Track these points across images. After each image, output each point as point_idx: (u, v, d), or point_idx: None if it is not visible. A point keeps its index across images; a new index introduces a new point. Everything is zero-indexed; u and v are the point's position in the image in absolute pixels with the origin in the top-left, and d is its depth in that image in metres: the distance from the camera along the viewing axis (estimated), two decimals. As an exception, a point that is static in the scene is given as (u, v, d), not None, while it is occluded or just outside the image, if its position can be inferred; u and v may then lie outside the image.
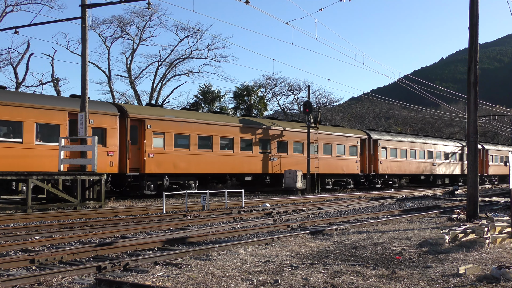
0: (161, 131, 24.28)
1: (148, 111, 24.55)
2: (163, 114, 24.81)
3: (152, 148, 23.80)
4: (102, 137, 21.99)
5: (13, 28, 21.18)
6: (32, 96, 21.97)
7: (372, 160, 37.33)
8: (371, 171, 37.32)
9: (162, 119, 24.39)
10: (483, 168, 48.89)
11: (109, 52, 47.29)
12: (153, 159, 23.72)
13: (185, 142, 25.40)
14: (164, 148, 24.37)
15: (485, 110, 57.00)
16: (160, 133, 24.27)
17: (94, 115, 21.41)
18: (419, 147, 42.10)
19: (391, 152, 38.78)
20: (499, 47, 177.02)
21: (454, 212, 16.20)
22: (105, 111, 22.34)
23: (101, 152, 21.37)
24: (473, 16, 14.58)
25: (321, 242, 10.21)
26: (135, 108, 25.43)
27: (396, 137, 40.65)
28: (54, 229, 12.27)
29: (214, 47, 46.64)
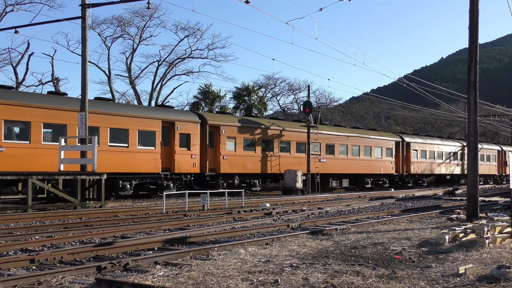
0: (232, 136, 27.74)
1: (222, 118, 28.24)
2: (234, 121, 28.44)
3: (226, 151, 27.26)
4: (187, 142, 25.54)
5: (13, 27, 21.20)
6: (137, 108, 26.57)
7: (405, 161, 40.72)
8: (404, 171, 40.61)
9: (233, 125, 27.96)
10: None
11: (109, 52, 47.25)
12: (227, 160, 27.24)
13: (252, 146, 29.07)
14: (235, 151, 27.90)
15: (485, 110, 56.98)
16: (232, 138, 27.73)
17: (180, 123, 25.19)
18: (445, 149, 45.01)
19: (421, 153, 42.13)
20: (499, 47, 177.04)
21: (454, 212, 16.20)
22: (189, 119, 25.85)
23: (186, 155, 25.35)
24: (473, 16, 14.58)
25: (321, 242, 10.21)
26: (212, 116, 28.43)
27: (426, 139, 43.92)
28: (54, 229, 12.27)
29: (214, 47, 46.60)
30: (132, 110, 24.40)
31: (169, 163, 24.84)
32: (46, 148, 20.26)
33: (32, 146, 19.90)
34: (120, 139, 22.92)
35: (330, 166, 34.04)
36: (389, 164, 38.93)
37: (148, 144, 23.88)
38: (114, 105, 24.38)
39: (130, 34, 44.87)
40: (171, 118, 25.07)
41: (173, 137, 24.85)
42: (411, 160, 40.77)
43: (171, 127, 25.01)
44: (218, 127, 27.06)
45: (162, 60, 46.67)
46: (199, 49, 46.29)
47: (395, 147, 39.79)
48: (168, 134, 24.77)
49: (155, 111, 25.45)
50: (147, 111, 24.86)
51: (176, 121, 24.96)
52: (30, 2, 36.10)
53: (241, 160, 28.05)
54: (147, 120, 23.82)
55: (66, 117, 20.97)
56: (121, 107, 24.48)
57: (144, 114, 24.05)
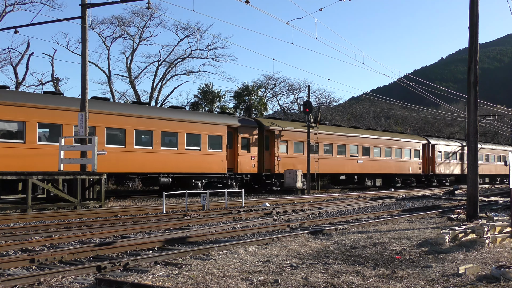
0: (285, 140, 31.07)
1: (277, 123, 31.61)
2: (286, 126, 31.58)
3: (279, 153, 30.56)
4: (247, 145, 28.92)
5: (13, 27, 21.19)
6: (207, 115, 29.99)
7: (430, 162, 43.68)
8: (429, 171, 43.55)
9: (285, 130, 31.02)
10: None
11: (109, 52, 47.29)
12: (280, 161, 30.51)
13: (301, 148, 32.30)
14: (287, 153, 31.18)
15: (485, 110, 56.95)
16: (284, 141, 31.08)
17: (242, 128, 28.58)
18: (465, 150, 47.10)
19: (445, 155, 45.37)
20: (499, 47, 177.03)
21: (454, 212, 16.20)
22: (249, 125, 29.17)
23: (247, 156, 28.70)
24: (473, 16, 14.58)
25: (321, 242, 10.21)
26: (268, 122, 31.35)
27: (448, 141, 47.35)
28: (54, 229, 12.28)
29: (214, 47, 46.61)
30: (204, 117, 27.89)
31: (232, 164, 28.07)
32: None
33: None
34: (194, 143, 25.93)
35: (367, 166, 36.99)
36: (416, 165, 41.99)
37: (216, 147, 26.96)
38: (190, 113, 28.94)
39: (130, 34, 44.90)
40: (235, 124, 28.37)
41: (236, 141, 28.16)
42: (436, 161, 43.65)
43: (235, 132, 28.28)
44: (273, 131, 30.30)
45: (162, 60, 46.69)
46: (199, 49, 46.34)
47: (421, 149, 42.69)
48: (232, 138, 28.08)
49: (221, 117, 28.69)
50: (216, 118, 28.23)
51: (238, 127, 28.33)
52: (30, 2, 36.11)
53: (291, 161, 31.31)
54: (216, 126, 26.99)
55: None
56: (195, 115, 28.51)
57: (213, 121, 27.26)
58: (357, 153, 36.30)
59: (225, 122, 27.68)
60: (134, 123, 23.27)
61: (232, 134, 28.11)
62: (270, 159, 30.23)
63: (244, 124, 28.91)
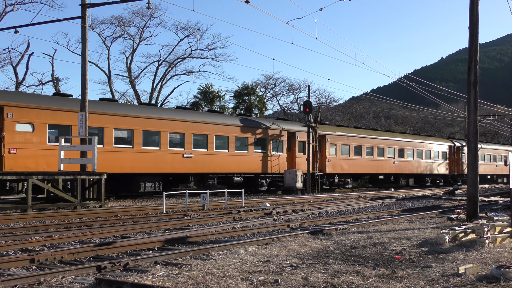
0: (334, 143, 34.27)
1: (327, 128, 34.77)
2: (335, 131, 35.09)
3: (329, 155, 33.72)
4: (303, 148, 32.14)
5: (13, 27, 21.20)
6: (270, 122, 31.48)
7: (455, 163, 47.35)
8: (455, 171, 47.23)
9: (335, 134, 34.41)
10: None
11: (109, 52, 47.48)
12: (330, 163, 33.74)
13: (347, 150, 35.39)
14: (336, 155, 34.31)
15: (485, 110, 56.96)
16: (333, 144, 34.20)
17: (299, 133, 31.93)
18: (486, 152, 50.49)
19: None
20: (499, 47, 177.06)
21: (454, 212, 16.19)
22: (305, 130, 32.22)
23: (303, 158, 31.92)
24: (473, 16, 14.58)
25: (321, 242, 10.21)
26: (321, 127, 34.14)
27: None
28: (54, 229, 12.27)
29: (214, 47, 46.64)
30: (269, 123, 30.71)
31: (291, 165, 31.53)
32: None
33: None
34: (261, 146, 29.52)
35: (402, 167, 40.35)
36: (444, 166, 45.62)
37: (278, 150, 30.56)
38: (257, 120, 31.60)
39: (130, 34, 44.93)
40: (293, 129, 31.78)
41: (294, 144, 31.69)
42: (461, 162, 46.94)
43: (292, 136, 31.74)
44: (324, 136, 33.41)
45: (162, 60, 46.71)
46: (199, 49, 46.35)
47: (448, 151, 46.32)
48: (290, 142, 31.56)
49: (282, 123, 32.00)
50: (278, 124, 31.42)
51: (296, 132, 31.70)
52: (30, 2, 36.13)
53: (339, 162, 34.61)
54: (278, 131, 30.58)
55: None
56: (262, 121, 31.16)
57: (276, 127, 30.62)
58: (393, 155, 39.55)
59: (285, 128, 31.34)
60: (214, 130, 26.89)
61: (291, 138, 31.71)
62: (322, 161, 33.36)
63: (300, 129, 32.28)
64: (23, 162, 19.34)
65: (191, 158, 25.14)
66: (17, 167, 19.11)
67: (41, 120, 20.09)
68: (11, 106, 19.19)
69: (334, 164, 34.07)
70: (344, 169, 34.78)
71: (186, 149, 25.27)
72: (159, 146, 24.32)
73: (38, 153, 19.87)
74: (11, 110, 19.16)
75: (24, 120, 19.56)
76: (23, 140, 19.46)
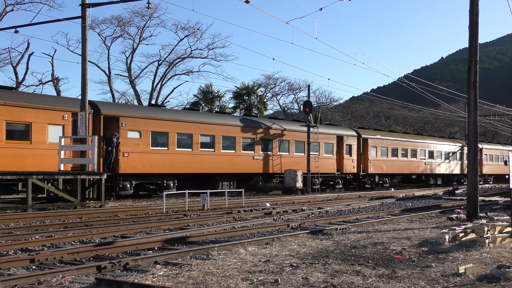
0: (375, 145, 37.62)
1: (368, 132, 38.25)
2: (375, 134, 38.51)
3: (371, 157, 37.08)
4: (350, 150, 35.52)
5: (13, 27, 21.19)
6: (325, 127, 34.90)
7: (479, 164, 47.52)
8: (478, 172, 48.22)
9: (375, 138, 37.87)
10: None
11: (109, 52, 47.49)
12: (372, 164, 37.06)
13: (386, 152, 38.78)
14: (377, 157, 37.73)
15: (485, 109, 56.95)
16: (374, 147, 37.55)
17: (346, 137, 35.25)
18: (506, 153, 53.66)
19: (489, 157, 52.11)
20: (499, 47, 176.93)
21: (454, 212, 16.19)
22: (351, 134, 35.91)
23: (349, 159, 35.34)
24: (473, 16, 14.58)
25: (321, 242, 10.21)
26: (364, 132, 37.80)
27: (492, 145, 53.60)
28: (54, 228, 12.27)
29: (214, 47, 46.58)
30: (322, 129, 33.80)
31: (339, 166, 34.79)
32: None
33: None
34: (315, 149, 32.85)
35: (432, 167, 43.92)
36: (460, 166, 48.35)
37: (329, 152, 34.00)
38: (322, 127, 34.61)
39: (130, 33, 44.88)
40: (341, 133, 35.29)
41: (342, 147, 34.91)
42: (482, 163, 49.75)
43: (341, 140, 34.95)
44: (367, 139, 36.91)
45: (162, 60, 46.67)
46: (199, 48, 46.30)
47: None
48: (338, 145, 34.81)
49: (332, 128, 35.60)
50: (329, 129, 34.80)
51: (344, 136, 35.03)
52: (30, 2, 36.08)
53: (379, 163, 37.91)
54: (329, 136, 33.93)
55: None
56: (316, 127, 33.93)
57: (327, 131, 34.04)
58: (424, 156, 42.85)
59: (335, 132, 34.78)
60: (278, 136, 30.68)
61: (339, 142, 34.90)
62: (364, 162, 36.69)
63: (347, 133, 35.73)
64: (133, 164, 22.84)
65: (259, 160, 29.17)
66: (129, 168, 22.69)
67: (146, 128, 23.55)
68: (124, 117, 22.72)
69: (375, 165, 37.50)
70: (383, 169, 38.33)
71: (255, 152, 29.15)
72: (234, 150, 28.00)
73: (144, 156, 23.38)
74: (124, 120, 22.66)
75: (134, 128, 23.05)
76: (133, 145, 22.94)
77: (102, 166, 21.70)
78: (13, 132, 19.51)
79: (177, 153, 24.75)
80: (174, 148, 24.64)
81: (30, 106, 19.88)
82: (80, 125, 19.92)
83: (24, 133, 19.72)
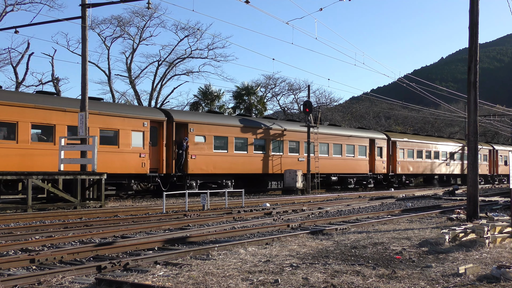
0: (402, 148, 40.59)
1: (397, 135, 41.57)
2: (403, 137, 41.61)
3: (399, 158, 39.95)
4: (380, 153, 38.45)
5: (13, 27, 21.17)
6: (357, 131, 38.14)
7: (494, 164, 53.59)
8: (493, 172, 53.45)
9: (403, 140, 40.80)
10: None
11: (109, 52, 47.34)
12: (399, 164, 39.96)
13: (412, 154, 41.66)
14: (404, 158, 40.61)
15: (485, 110, 56.96)
16: (402, 149, 40.52)
17: (378, 140, 38.17)
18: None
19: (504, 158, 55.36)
20: (499, 47, 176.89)
21: (454, 212, 16.19)
22: (381, 137, 38.82)
23: (380, 161, 38.28)
24: (473, 16, 14.58)
25: (321, 242, 10.21)
26: (392, 135, 40.92)
27: (507, 147, 56.59)
28: (54, 229, 12.27)
29: (214, 47, 46.58)
30: (356, 132, 37.26)
31: (371, 167, 37.70)
32: None
33: None
34: (350, 151, 35.65)
35: (453, 168, 46.95)
36: (484, 167, 51.16)
37: (362, 154, 36.70)
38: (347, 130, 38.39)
39: (130, 34, 44.89)
40: (373, 136, 38.10)
41: (374, 149, 37.74)
42: (498, 163, 53.92)
43: (372, 143, 37.75)
44: (396, 142, 39.80)
45: (162, 60, 46.67)
46: (199, 49, 46.31)
47: (488, 154, 52.29)
48: (370, 147, 37.55)
49: (365, 132, 38.70)
50: (362, 133, 37.85)
51: (375, 139, 37.94)
52: (30, 2, 36.11)
53: (406, 164, 40.81)
54: (362, 139, 36.89)
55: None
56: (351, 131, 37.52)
57: (361, 135, 37.10)
58: (446, 158, 45.68)
59: (367, 136, 37.56)
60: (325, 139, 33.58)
61: (371, 144, 37.70)
62: (393, 163, 39.68)
63: (378, 136, 38.69)
64: (199, 165, 25.73)
65: (303, 161, 31.98)
66: (196, 169, 25.59)
67: (210, 133, 26.53)
68: (192, 123, 25.80)
69: (402, 166, 40.46)
70: (409, 170, 41.23)
71: (300, 154, 32.09)
72: (282, 152, 30.94)
73: (208, 158, 26.27)
74: (192, 126, 25.70)
75: (200, 133, 26.05)
76: (199, 148, 25.90)
77: (174, 167, 24.74)
78: (105, 138, 22.55)
79: (235, 155, 27.84)
80: (233, 151, 27.77)
81: (118, 115, 23.04)
82: (80, 125, 19.91)
83: (113, 139, 22.90)
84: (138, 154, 23.23)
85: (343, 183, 35.72)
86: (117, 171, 22.27)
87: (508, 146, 58.71)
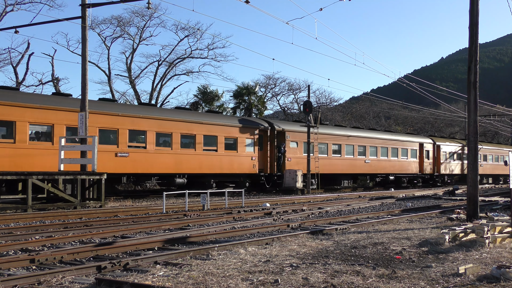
0: (445, 151, 45.19)
1: (441, 140, 46.11)
2: (445, 141, 46.23)
3: (442, 160, 44.61)
4: (428, 155, 43.19)
5: (13, 27, 21.17)
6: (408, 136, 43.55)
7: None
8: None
9: (445, 144, 45.39)
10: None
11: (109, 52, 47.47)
12: (443, 165, 44.71)
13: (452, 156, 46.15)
14: (446, 160, 45.19)
15: (485, 110, 56.94)
16: (445, 152, 44.95)
17: (426, 144, 42.80)
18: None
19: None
20: (499, 47, 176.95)
21: (454, 212, 16.19)
22: (429, 142, 43.63)
23: (427, 162, 42.80)
24: (473, 16, 14.58)
25: (321, 242, 10.21)
26: (437, 139, 45.43)
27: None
28: (54, 229, 12.27)
29: (214, 47, 46.61)
30: (406, 137, 42.06)
31: (421, 167, 42.32)
32: None
33: None
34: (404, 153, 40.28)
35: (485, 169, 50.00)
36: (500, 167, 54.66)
37: (413, 157, 41.62)
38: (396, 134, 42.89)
39: (130, 34, 44.90)
40: (422, 141, 43.03)
41: (422, 152, 42.51)
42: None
43: (421, 147, 42.48)
44: (440, 145, 44.57)
45: (162, 60, 46.68)
46: (199, 49, 46.33)
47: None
48: (420, 151, 42.31)
49: (415, 137, 43.69)
50: (412, 137, 42.88)
51: (424, 143, 42.77)
52: (30, 2, 36.12)
53: (448, 166, 45.27)
54: (413, 143, 41.68)
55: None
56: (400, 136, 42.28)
57: (413, 139, 42.03)
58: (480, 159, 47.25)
59: (417, 140, 42.63)
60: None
61: (420, 148, 42.34)
62: (437, 164, 44.11)
63: (426, 141, 43.35)
64: (293, 166, 30.81)
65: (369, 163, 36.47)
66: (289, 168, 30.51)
67: (301, 139, 31.66)
68: (288, 131, 31.25)
69: (445, 167, 44.94)
70: (450, 170, 45.54)
71: (366, 157, 36.55)
72: (353, 155, 35.28)
73: (300, 160, 31.56)
74: (288, 133, 31.21)
75: (293, 140, 31.54)
76: (293, 152, 31.40)
77: (276, 167, 30.32)
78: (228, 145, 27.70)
79: (319, 158, 32.46)
80: (317, 154, 32.43)
81: (236, 125, 28.39)
82: (80, 125, 19.91)
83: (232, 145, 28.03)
84: (250, 157, 28.96)
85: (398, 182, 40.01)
86: (236, 171, 28.00)
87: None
